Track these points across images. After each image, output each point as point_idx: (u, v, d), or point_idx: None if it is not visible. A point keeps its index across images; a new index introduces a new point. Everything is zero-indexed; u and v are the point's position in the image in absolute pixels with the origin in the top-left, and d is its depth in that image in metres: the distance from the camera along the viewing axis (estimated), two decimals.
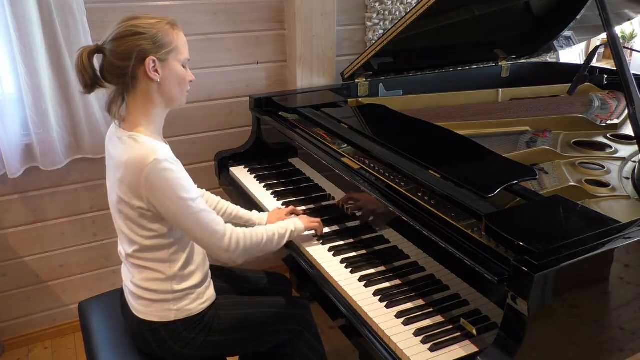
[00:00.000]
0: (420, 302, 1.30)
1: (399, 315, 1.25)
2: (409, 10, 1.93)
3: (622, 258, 1.12)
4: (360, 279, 1.40)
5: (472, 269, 1.13)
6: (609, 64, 3.38)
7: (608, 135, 1.86)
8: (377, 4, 2.47)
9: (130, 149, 1.25)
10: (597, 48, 1.89)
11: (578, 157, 1.68)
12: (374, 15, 2.49)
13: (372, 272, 1.43)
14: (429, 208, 1.30)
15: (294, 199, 1.85)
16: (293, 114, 2.03)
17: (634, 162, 1.62)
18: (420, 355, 1.14)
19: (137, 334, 1.40)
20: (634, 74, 1.51)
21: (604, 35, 1.56)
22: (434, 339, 1.17)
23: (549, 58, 2.94)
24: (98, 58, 1.28)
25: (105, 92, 1.33)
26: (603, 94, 2.28)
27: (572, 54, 3.54)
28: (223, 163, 2.16)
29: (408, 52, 2.27)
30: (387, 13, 2.51)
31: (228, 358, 1.51)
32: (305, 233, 1.58)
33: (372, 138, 1.70)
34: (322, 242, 1.57)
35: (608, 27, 1.51)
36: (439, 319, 1.24)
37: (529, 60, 2.69)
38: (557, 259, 1.02)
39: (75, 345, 2.31)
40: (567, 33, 2.47)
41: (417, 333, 1.20)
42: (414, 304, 1.30)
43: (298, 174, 1.94)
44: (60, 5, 1.85)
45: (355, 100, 2.24)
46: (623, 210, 1.37)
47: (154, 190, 1.24)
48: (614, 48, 1.49)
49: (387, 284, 1.38)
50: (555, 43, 2.57)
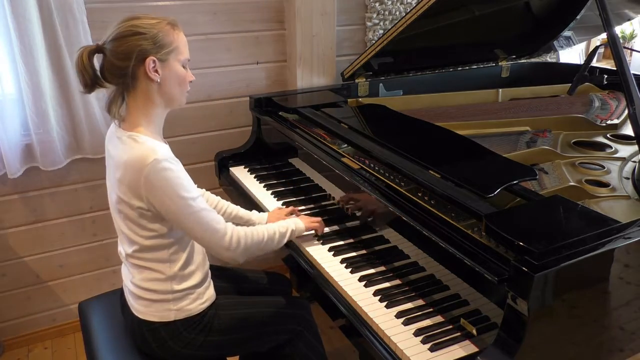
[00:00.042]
0: (420, 302, 1.30)
1: (399, 315, 1.25)
2: (409, 10, 1.93)
3: (622, 258, 1.12)
4: (360, 279, 1.40)
5: (472, 269, 1.13)
6: (609, 64, 3.38)
7: (608, 135, 1.86)
8: (377, 4, 2.47)
9: (130, 149, 1.25)
10: (597, 48, 1.89)
11: (578, 157, 1.68)
12: (374, 15, 2.49)
13: (372, 272, 1.43)
14: (429, 208, 1.30)
15: (294, 199, 1.85)
16: (293, 114, 2.03)
17: (634, 162, 1.62)
18: (420, 355, 1.14)
19: (137, 334, 1.40)
20: (634, 74, 1.51)
21: (604, 35, 1.56)
22: (434, 339, 1.17)
23: (549, 58, 2.94)
24: (98, 58, 1.28)
25: (105, 92, 1.33)
26: (603, 94, 2.28)
27: (572, 54, 3.54)
28: (223, 163, 2.16)
29: (408, 52, 2.27)
30: (387, 13, 2.51)
31: (228, 358, 1.51)
32: (306, 233, 1.59)
33: (372, 138, 1.70)
34: (322, 242, 1.57)
35: (608, 27, 1.51)
36: (439, 319, 1.24)
37: (529, 60, 2.69)
38: (557, 259, 1.02)
39: (75, 345, 2.31)
40: (567, 33, 2.47)
41: (417, 333, 1.20)
42: (414, 304, 1.30)
43: (298, 174, 1.94)
44: (60, 5, 1.85)
45: (355, 100, 2.24)
46: (623, 210, 1.37)
47: (154, 190, 1.24)
48: (614, 48, 1.49)
49: (387, 284, 1.38)
50: (555, 43, 2.56)
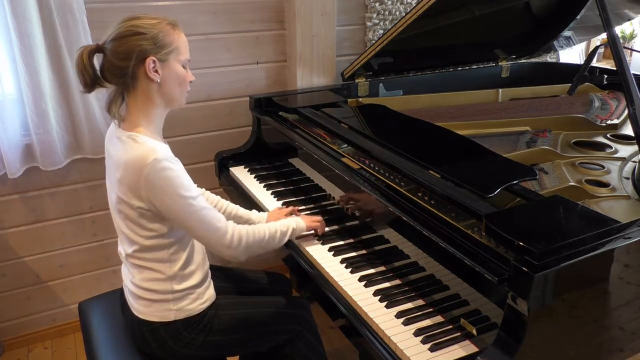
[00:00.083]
0: (420, 302, 1.30)
1: (399, 315, 1.25)
2: (409, 10, 1.93)
3: (622, 258, 1.12)
4: (360, 279, 1.40)
5: (472, 269, 1.13)
6: (609, 64, 3.38)
7: (608, 135, 1.86)
8: (377, 4, 2.47)
9: (130, 149, 1.25)
10: (597, 48, 1.89)
11: (578, 157, 1.68)
12: (374, 15, 2.49)
13: (372, 272, 1.43)
14: (429, 208, 1.30)
15: (294, 199, 1.85)
16: (293, 114, 2.03)
17: (634, 162, 1.62)
18: (420, 355, 1.14)
19: (137, 334, 1.40)
20: (634, 74, 1.51)
21: (604, 35, 1.56)
22: (434, 339, 1.17)
23: (549, 58, 2.94)
24: (98, 57, 1.28)
25: (105, 91, 1.33)
26: (603, 94, 2.28)
27: (572, 54, 3.54)
28: (223, 163, 2.16)
29: (408, 52, 2.27)
30: (387, 13, 2.51)
31: (228, 358, 1.51)
32: (306, 233, 1.59)
33: (372, 138, 1.70)
34: (322, 242, 1.57)
35: (608, 27, 1.51)
36: (439, 319, 1.24)
37: (529, 60, 2.69)
38: (557, 259, 1.02)
39: (75, 345, 2.31)
40: (567, 33, 2.47)
41: (417, 333, 1.20)
42: (414, 304, 1.30)
43: (298, 174, 1.94)
44: (60, 5, 1.85)
45: (355, 100, 2.24)
46: (623, 210, 1.37)
47: (155, 190, 1.24)
48: (614, 48, 1.49)
49: (387, 284, 1.38)
50: (555, 43, 2.56)
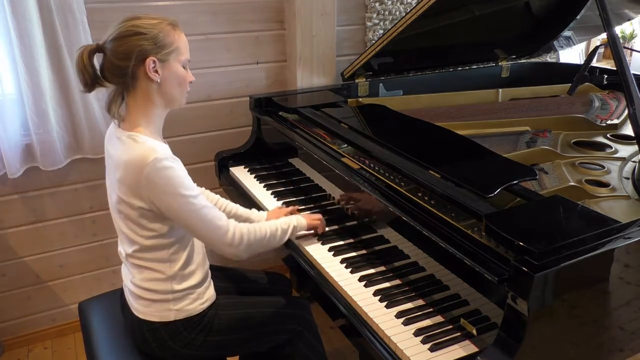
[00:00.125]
0: (420, 302, 1.30)
1: (399, 315, 1.25)
2: (409, 10, 1.93)
3: (622, 258, 1.12)
4: (360, 279, 1.40)
5: (472, 269, 1.13)
6: (609, 64, 3.38)
7: (608, 135, 1.86)
8: (377, 4, 2.47)
9: (130, 149, 1.25)
10: (597, 48, 1.89)
11: (578, 157, 1.68)
12: (374, 15, 2.49)
13: (372, 272, 1.43)
14: (429, 208, 1.30)
15: (294, 199, 1.85)
16: (293, 114, 2.03)
17: (634, 162, 1.62)
18: (420, 355, 1.14)
19: (137, 334, 1.40)
20: (634, 74, 1.51)
21: (604, 35, 1.56)
22: (434, 339, 1.17)
23: (549, 58, 2.94)
24: (98, 57, 1.28)
25: (105, 91, 1.33)
26: (603, 94, 2.28)
27: (572, 54, 3.54)
28: (223, 163, 2.16)
29: (408, 52, 2.27)
30: (387, 13, 2.51)
31: (228, 358, 1.51)
32: (306, 233, 1.59)
33: (372, 138, 1.70)
34: (322, 242, 1.57)
35: (608, 27, 1.51)
36: (439, 319, 1.24)
37: (529, 60, 2.69)
38: (557, 259, 1.02)
39: (75, 345, 2.31)
40: (567, 33, 2.47)
41: (417, 333, 1.20)
42: (414, 304, 1.30)
43: (298, 174, 1.94)
44: (60, 5, 1.85)
45: (355, 100, 2.24)
46: (623, 210, 1.37)
47: (155, 189, 1.24)
48: (614, 48, 1.49)
49: (387, 284, 1.38)
50: (555, 43, 2.56)
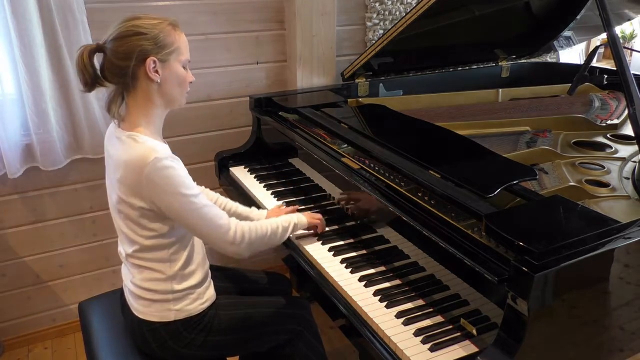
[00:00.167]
0: (420, 302, 1.30)
1: (399, 315, 1.25)
2: (409, 10, 1.93)
3: (622, 258, 1.12)
4: (360, 279, 1.40)
5: (472, 269, 1.13)
6: (609, 64, 3.38)
7: (608, 135, 1.86)
8: (377, 4, 2.47)
9: (130, 149, 1.25)
10: (597, 48, 1.89)
11: (578, 157, 1.68)
12: (374, 15, 2.49)
13: (372, 272, 1.43)
14: (429, 208, 1.30)
15: (294, 199, 1.84)
16: (293, 114, 2.03)
17: (634, 162, 1.62)
18: (420, 355, 1.14)
19: (137, 334, 1.40)
20: (634, 74, 1.51)
21: (604, 35, 1.56)
22: (434, 339, 1.17)
23: (549, 58, 2.94)
24: (98, 57, 1.28)
25: (105, 91, 1.33)
26: (603, 94, 2.28)
27: (572, 54, 3.54)
28: (223, 163, 2.16)
29: (408, 52, 2.27)
30: (387, 13, 2.51)
31: (228, 358, 1.51)
32: (305, 232, 1.59)
33: (372, 138, 1.70)
34: (322, 242, 1.57)
35: (608, 27, 1.51)
36: (439, 319, 1.24)
37: (529, 60, 2.69)
38: (557, 259, 1.02)
39: (75, 345, 2.31)
40: (567, 33, 2.47)
41: (417, 333, 1.20)
42: (414, 304, 1.30)
43: (298, 174, 1.94)
44: (60, 5, 1.85)
45: (355, 100, 2.24)
46: (623, 210, 1.37)
47: (156, 189, 1.24)
48: (614, 48, 1.49)
49: (387, 284, 1.38)
50: (555, 43, 2.56)
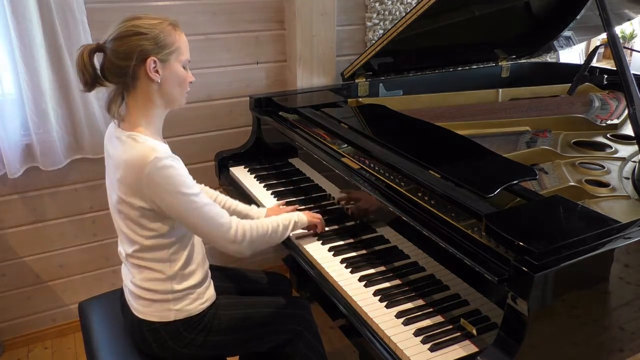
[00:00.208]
0: (420, 302, 1.30)
1: (399, 315, 1.25)
2: (409, 10, 1.93)
3: (622, 258, 1.12)
4: (360, 279, 1.40)
5: (472, 269, 1.13)
6: (609, 64, 3.38)
7: (608, 135, 1.86)
8: (377, 4, 2.47)
9: (130, 149, 1.25)
10: (597, 48, 1.89)
11: (578, 157, 1.68)
12: (374, 15, 2.49)
13: (372, 272, 1.43)
14: (429, 208, 1.30)
15: (294, 199, 1.84)
16: (293, 114, 2.03)
17: (634, 162, 1.62)
18: (420, 355, 1.14)
19: (137, 334, 1.40)
20: (634, 74, 1.51)
21: (604, 35, 1.56)
22: (434, 339, 1.17)
23: (549, 58, 2.94)
24: (99, 57, 1.28)
25: (105, 91, 1.33)
26: (603, 94, 2.28)
27: (572, 54, 3.54)
28: (223, 163, 2.16)
29: (408, 52, 2.27)
30: (387, 13, 2.51)
31: (228, 358, 1.51)
32: (305, 232, 1.59)
33: (372, 138, 1.70)
34: (322, 242, 1.57)
35: (608, 27, 1.51)
36: (439, 319, 1.24)
37: (529, 60, 2.69)
38: (557, 259, 1.02)
39: (75, 345, 2.31)
40: (567, 33, 2.47)
41: (417, 333, 1.20)
42: (414, 304, 1.30)
43: (298, 174, 1.94)
44: (60, 5, 1.85)
45: (355, 100, 2.24)
46: (623, 210, 1.37)
47: (156, 188, 1.24)
48: (614, 48, 1.49)
49: (387, 284, 1.38)
50: (555, 43, 2.56)
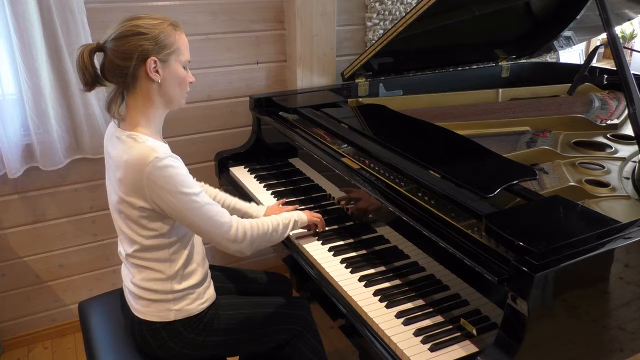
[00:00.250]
0: (420, 302, 1.30)
1: (399, 315, 1.25)
2: (409, 10, 1.93)
3: (622, 258, 1.12)
4: (360, 279, 1.40)
5: (472, 269, 1.13)
6: (609, 64, 3.38)
7: (608, 135, 1.86)
8: (377, 4, 2.47)
9: (130, 149, 1.25)
10: (597, 48, 1.89)
11: (578, 157, 1.68)
12: (374, 15, 2.49)
13: (372, 272, 1.43)
14: (429, 208, 1.30)
15: (294, 199, 1.84)
16: (293, 114, 2.03)
17: (634, 162, 1.63)
18: (420, 355, 1.14)
19: (137, 334, 1.40)
20: (634, 74, 1.51)
21: (604, 35, 1.56)
22: (434, 339, 1.17)
23: (549, 58, 2.94)
24: (99, 57, 1.28)
25: (105, 91, 1.33)
26: (603, 94, 2.28)
27: (572, 54, 3.54)
28: (223, 163, 2.16)
29: (408, 52, 2.27)
30: (387, 13, 2.51)
31: (228, 358, 1.51)
32: (305, 232, 1.59)
33: (372, 138, 1.70)
34: (322, 242, 1.57)
35: (608, 27, 1.51)
36: (439, 319, 1.24)
37: (529, 60, 2.69)
38: (557, 259, 1.02)
39: (75, 345, 2.31)
40: (567, 33, 2.47)
41: (417, 333, 1.20)
42: (414, 304, 1.30)
43: (298, 174, 1.94)
44: (60, 5, 1.85)
45: (355, 100, 2.24)
46: (623, 210, 1.37)
47: (157, 188, 1.24)
48: (614, 48, 1.49)
49: (387, 284, 1.38)
50: (555, 43, 2.57)
